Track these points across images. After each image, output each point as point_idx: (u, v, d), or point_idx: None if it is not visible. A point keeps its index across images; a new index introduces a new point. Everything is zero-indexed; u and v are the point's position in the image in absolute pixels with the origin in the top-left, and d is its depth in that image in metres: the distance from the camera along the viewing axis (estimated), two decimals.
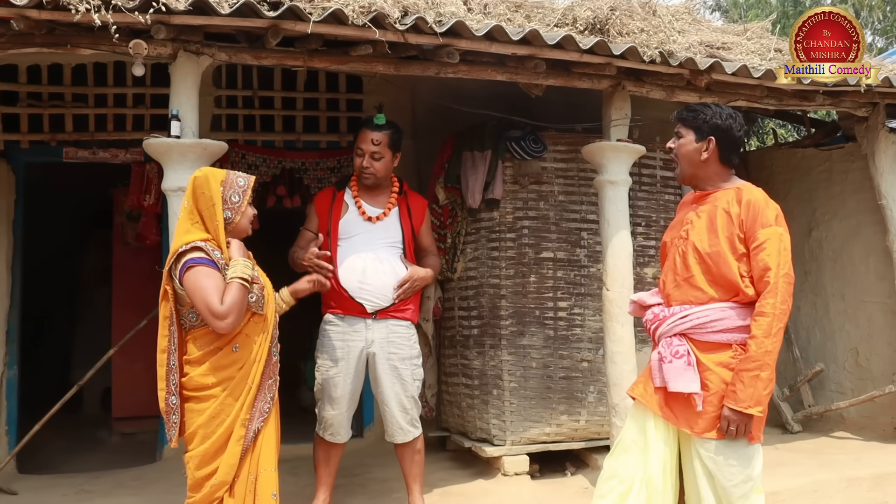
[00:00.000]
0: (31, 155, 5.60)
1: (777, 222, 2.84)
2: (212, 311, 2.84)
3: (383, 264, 4.03)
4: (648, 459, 2.89)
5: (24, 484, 5.07)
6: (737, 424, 2.73)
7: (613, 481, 2.92)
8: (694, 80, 4.67)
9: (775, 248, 2.78)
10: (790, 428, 6.24)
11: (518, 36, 4.04)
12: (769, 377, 2.73)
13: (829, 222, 6.52)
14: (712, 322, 2.85)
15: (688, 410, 2.83)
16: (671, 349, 2.86)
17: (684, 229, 3.00)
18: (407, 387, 4.05)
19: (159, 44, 3.67)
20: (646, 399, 2.94)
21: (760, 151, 7.99)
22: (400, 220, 4.16)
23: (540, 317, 5.13)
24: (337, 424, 4.03)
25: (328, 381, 4.01)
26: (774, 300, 2.74)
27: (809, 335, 6.68)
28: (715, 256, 2.86)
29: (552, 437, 5.10)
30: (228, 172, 3.10)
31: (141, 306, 5.86)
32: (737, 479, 2.77)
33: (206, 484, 2.93)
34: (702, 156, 2.95)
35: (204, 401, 2.96)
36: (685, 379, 2.80)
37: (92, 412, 7.70)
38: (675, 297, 2.96)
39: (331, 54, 4.08)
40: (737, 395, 2.72)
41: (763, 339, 2.72)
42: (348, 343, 4.00)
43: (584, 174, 5.23)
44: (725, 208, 2.88)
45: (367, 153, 4.06)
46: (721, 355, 2.83)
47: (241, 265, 2.95)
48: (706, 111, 2.97)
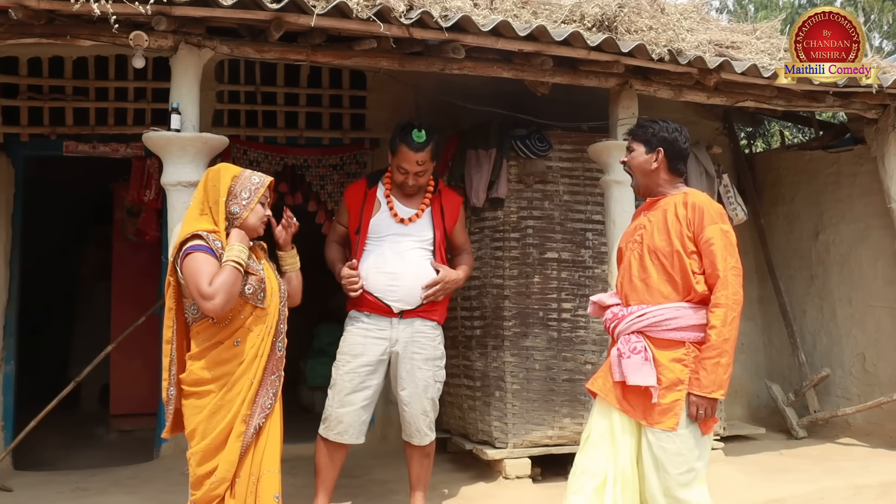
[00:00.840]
0: (31, 148, 5.55)
1: (721, 220, 3.06)
2: (200, 292, 2.82)
3: (412, 268, 3.94)
4: (618, 452, 3.06)
5: (20, 481, 5.02)
6: (704, 408, 2.96)
7: (585, 477, 3.09)
8: (702, 79, 4.60)
9: (721, 243, 2.99)
10: (795, 434, 6.18)
11: (525, 32, 3.98)
12: (728, 363, 2.96)
13: (836, 226, 6.46)
14: (667, 320, 3.03)
15: (644, 403, 3.03)
16: (629, 346, 3.05)
17: (638, 234, 3.21)
18: (429, 389, 3.97)
19: (160, 35, 3.61)
20: (605, 392, 3.14)
21: (767, 153, 7.93)
22: (432, 221, 4.05)
23: (543, 318, 5.07)
24: (347, 423, 3.87)
25: (344, 376, 3.89)
26: (727, 291, 2.95)
27: (815, 340, 6.61)
28: (670, 255, 3.06)
29: (554, 440, 5.04)
30: (244, 170, 3.11)
31: (140, 302, 5.82)
32: (682, 467, 2.99)
33: (206, 481, 2.88)
34: (651, 165, 3.21)
35: (203, 396, 2.92)
36: (643, 373, 3.00)
37: (90, 409, 7.65)
38: (633, 297, 3.15)
39: (334, 49, 4.02)
40: (700, 381, 2.95)
41: (721, 327, 2.93)
42: (371, 340, 3.91)
43: (590, 174, 5.16)
44: (674, 211, 3.10)
45: (412, 173, 3.94)
46: (675, 352, 3.03)
47: (235, 249, 2.92)
48: (654, 126, 3.23)
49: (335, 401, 3.90)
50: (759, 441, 6.02)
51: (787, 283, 6.75)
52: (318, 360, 7.44)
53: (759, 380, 6.85)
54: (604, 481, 3.04)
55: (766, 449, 5.80)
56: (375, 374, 3.92)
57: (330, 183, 5.82)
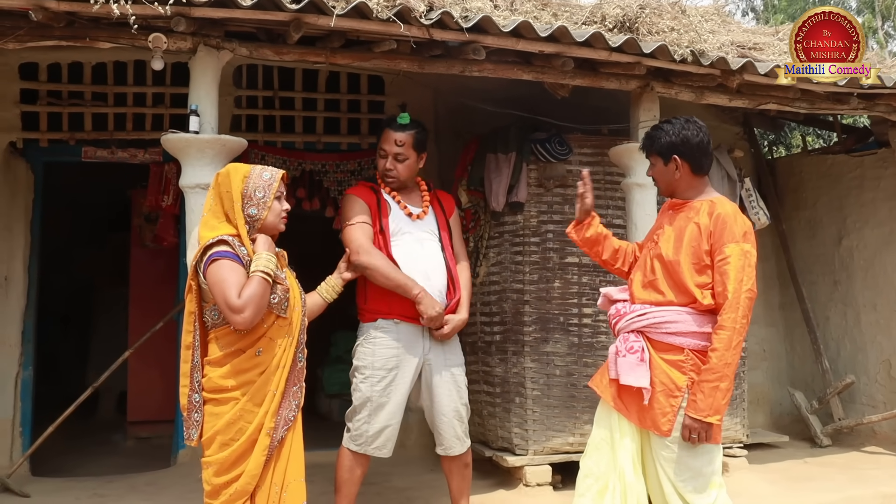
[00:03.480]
0: (50, 154, 5.56)
1: (744, 239, 2.92)
2: (229, 305, 2.72)
3: (438, 263, 3.83)
4: (616, 455, 3.02)
5: (37, 487, 5.00)
6: (698, 432, 2.86)
7: (589, 479, 3.06)
8: (725, 80, 4.54)
9: (738, 264, 2.87)
10: (819, 442, 6.09)
11: (546, 32, 3.94)
12: (728, 388, 2.86)
13: (860, 230, 6.37)
14: (667, 323, 2.97)
15: (638, 404, 2.98)
16: (627, 344, 3.01)
17: (656, 234, 3.16)
18: (462, 393, 3.86)
19: (179, 37, 3.59)
20: (601, 390, 3.12)
21: (789, 158, 7.84)
22: (436, 217, 3.94)
23: (564, 323, 5.00)
24: (385, 438, 3.69)
25: (381, 392, 3.68)
26: (735, 315, 2.84)
27: (839, 346, 6.51)
28: (675, 265, 2.99)
29: (575, 447, 4.96)
30: (253, 167, 2.97)
31: (158, 309, 5.81)
32: (684, 475, 2.92)
33: (223, 492, 2.80)
34: (675, 175, 3.10)
35: (222, 404, 2.84)
36: (636, 374, 2.95)
37: (107, 416, 7.66)
38: (639, 296, 3.10)
39: (354, 51, 3.99)
40: (697, 404, 2.85)
41: (724, 351, 2.83)
42: (405, 351, 3.72)
43: (611, 177, 5.11)
44: (696, 220, 3.00)
45: (391, 154, 3.82)
46: (673, 357, 2.95)
47: (263, 259, 2.83)
48: (659, 134, 3.12)
49: (372, 418, 3.68)
50: (782, 449, 5.93)
51: (810, 288, 6.67)
52: (336, 368, 7.43)
53: (782, 387, 6.75)
54: (606, 485, 3.01)
55: (790, 457, 5.72)
56: (410, 387, 3.78)
57: (348, 188, 5.78)
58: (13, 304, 5.42)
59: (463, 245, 4.09)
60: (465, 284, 3.93)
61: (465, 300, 3.88)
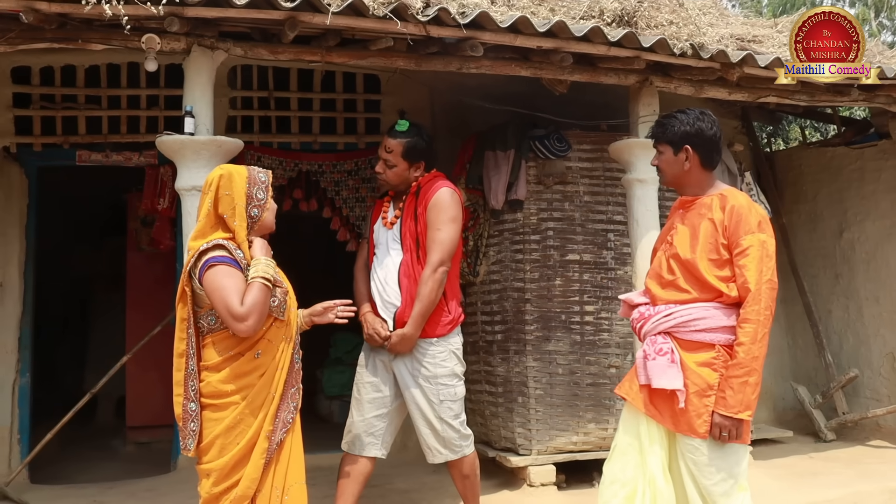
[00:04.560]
0: (44, 158, 5.51)
1: (760, 229, 2.87)
2: (231, 313, 2.68)
3: (392, 275, 3.71)
4: (646, 461, 2.93)
5: (36, 494, 4.95)
6: (728, 430, 2.79)
7: (616, 486, 2.96)
8: (725, 74, 4.50)
9: (757, 254, 2.82)
10: (823, 436, 6.06)
11: (544, 28, 3.89)
12: (757, 382, 2.79)
13: (861, 223, 6.33)
14: (695, 320, 2.89)
15: (672, 408, 2.89)
16: (655, 347, 2.91)
17: (670, 235, 3.07)
18: (435, 406, 3.65)
19: (172, 38, 3.55)
20: (631, 397, 3.00)
21: (788, 151, 7.81)
22: (402, 222, 3.75)
23: (566, 321, 4.96)
24: (356, 431, 3.69)
25: (356, 384, 3.77)
26: (758, 306, 2.79)
27: (842, 340, 6.48)
28: (693, 263, 2.91)
29: (579, 447, 4.93)
30: (249, 168, 2.94)
31: (155, 313, 5.75)
32: (715, 478, 2.84)
33: (223, 498, 2.76)
34: (684, 166, 3.01)
35: (222, 409, 2.79)
36: (668, 376, 2.86)
37: (106, 421, 7.60)
38: (661, 297, 3.01)
39: (350, 49, 3.95)
40: (727, 401, 2.78)
41: (750, 345, 2.77)
42: (376, 350, 3.74)
43: (611, 174, 5.07)
44: (710, 216, 2.93)
45: (381, 158, 3.78)
46: (703, 355, 2.87)
47: (262, 264, 2.79)
48: (673, 122, 3.02)
49: (351, 409, 3.79)
50: (786, 444, 5.90)
51: (811, 282, 6.63)
52: (335, 370, 7.39)
53: (785, 382, 6.71)
54: (634, 490, 2.91)
55: (794, 452, 5.69)
56: (384, 385, 3.72)
57: (345, 189, 5.75)
58: (9, 310, 5.37)
59: (438, 239, 3.63)
60: (422, 295, 3.60)
61: (414, 314, 3.60)
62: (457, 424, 3.70)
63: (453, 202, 3.71)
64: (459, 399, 3.74)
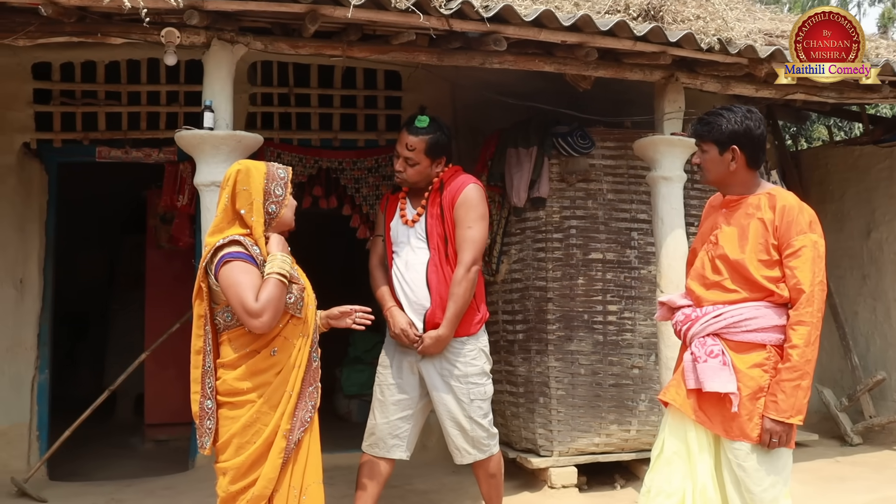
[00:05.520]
0: (64, 154, 5.50)
1: (811, 229, 2.80)
2: (246, 309, 2.64)
3: (420, 276, 3.58)
4: (696, 470, 2.82)
5: (55, 491, 4.94)
6: (779, 435, 2.72)
7: (661, 497, 2.85)
8: (753, 70, 4.42)
9: (810, 255, 2.75)
10: (849, 440, 5.95)
11: (569, 22, 3.83)
12: (808, 385, 2.73)
13: (890, 223, 6.22)
14: (746, 321, 2.79)
15: (722, 413, 2.79)
16: (705, 349, 2.81)
17: (714, 234, 2.97)
18: (465, 406, 3.56)
19: (192, 32, 3.52)
20: (679, 403, 2.88)
21: (814, 150, 7.70)
22: (427, 220, 3.60)
23: (588, 321, 4.89)
24: (379, 433, 3.61)
25: (378, 385, 3.68)
26: (812, 308, 2.71)
27: (869, 342, 6.36)
28: (741, 264, 2.82)
29: (601, 448, 4.86)
30: (268, 164, 2.90)
31: (174, 310, 5.73)
32: (765, 483, 2.76)
33: (240, 497, 2.73)
34: (730, 167, 2.91)
35: (238, 407, 2.76)
36: (721, 379, 2.75)
37: (125, 419, 7.59)
38: (707, 298, 2.91)
39: (371, 43, 3.90)
40: (778, 405, 2.71)
41: (804, 347, 2.69)
42: (400, 349, 3.63)
43: (635, 171, 5.00)
44: (759, 216, 2.84)
45: (402, 156, 3.59)
46: (755, 356, 2.78)
47: (279, 260, 2.75)
48: (720, 121, 2.91)
49: (372, 411, 3.70)
50: (812, 448, 5.78)
51: (837, 283, 6.52)
52: (354, 368, 7.34)
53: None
54: (682, 501, 2.81)
55: (820, 456, 5.58)
56: (408, 387, 3.63)
57: (365, 186, 5.70)
58: (28, 306, 5.37)
59: (469, 238, 3.54)
60: (457, 295, 3.50)
61: (448, 315, 3.50)
62: (486, 423, 3.64)
63: (481, 199, 3.62)
64: (489, 398, 3.68)
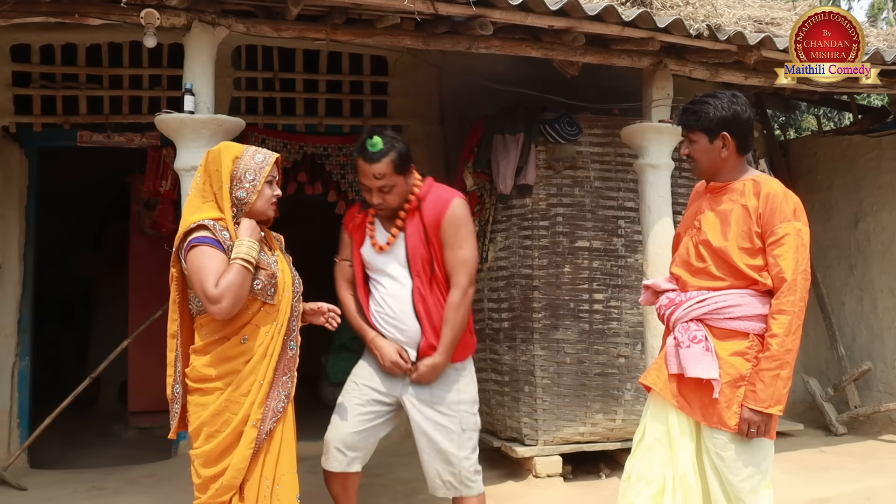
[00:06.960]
0: (45, 139, 5.42)
1: (795, 216, 2.75)
2: (206, 294, 2.61)
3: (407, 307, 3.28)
4: (676, 456, 2.79)
5: (35, 479, 4.90)
6: (758, 425, 2.68)
7: (641, 484, 2.82)
8: (742, 57, 4.38)
9: (793, 243, 2.71)
10: (834, 430, 5.96)
11: (556, 6, 3.77)
12: (789, 375, 2.69)
13: (877, 213, 6.21)
14: (730, 307, 2.76)
15: (703, 399, 2.75)
16: (688, 334, 2.78)
17: (697, 219, 2.92)
18: (452, 436, 3.28)
19: (172, 13, 3.45)
20: (660, 387, 2.85)
21: (802, 139, 7.69)
22: (406, 248, 3.27)
23: (574, 309, 4.86)
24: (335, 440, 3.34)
25: (349, 393, 3.38)
26: (793, 297, 2.67)
27: (855, 332, 6.37)
28: (724, 251, 2.78)
29: (586, 437, 4.85)
30: (246, 147, 2.83)
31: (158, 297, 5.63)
32: (743, 473, 2.73)
33: (211, 486, 2.70)
34: (721, 154, 2.85)
35: (208, 394, 2.73)
36: (703, 364, 2.72)
37: (109, 406, 7.54)
38: (692, 284, 2.86)
39: (356, 26, 3.84)
40: (757, 394, 2.67)
41: (784, 337, 2.66)
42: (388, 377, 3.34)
43: (622, 159, 4.96)
44: (742, 202, 2.80)
45: (374, 189, 3.21)
46: (736, 344, 2.75)
47: (245, 246, 2.68)
48: (706, 108, 2.84)
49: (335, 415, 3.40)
50: (797, 438, 5.79)
51: (825, 273, 6.52)
52: (340, 356, 7.29)
53: (796, 374, 6.57)
54: (662, 488, 2.77)
55: (805, 446, 5.59)
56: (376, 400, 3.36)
57: (350, 172, 5.64)
58: (9, 292, 5.30)
59: (462, 259, 3.28)
60: (454, 321, 3.25)
61: (445, 341, 3.24)
62: (474, 458, 3.37)
63: (468, 214, 3.37)
64: (478, 430, 3.44)
